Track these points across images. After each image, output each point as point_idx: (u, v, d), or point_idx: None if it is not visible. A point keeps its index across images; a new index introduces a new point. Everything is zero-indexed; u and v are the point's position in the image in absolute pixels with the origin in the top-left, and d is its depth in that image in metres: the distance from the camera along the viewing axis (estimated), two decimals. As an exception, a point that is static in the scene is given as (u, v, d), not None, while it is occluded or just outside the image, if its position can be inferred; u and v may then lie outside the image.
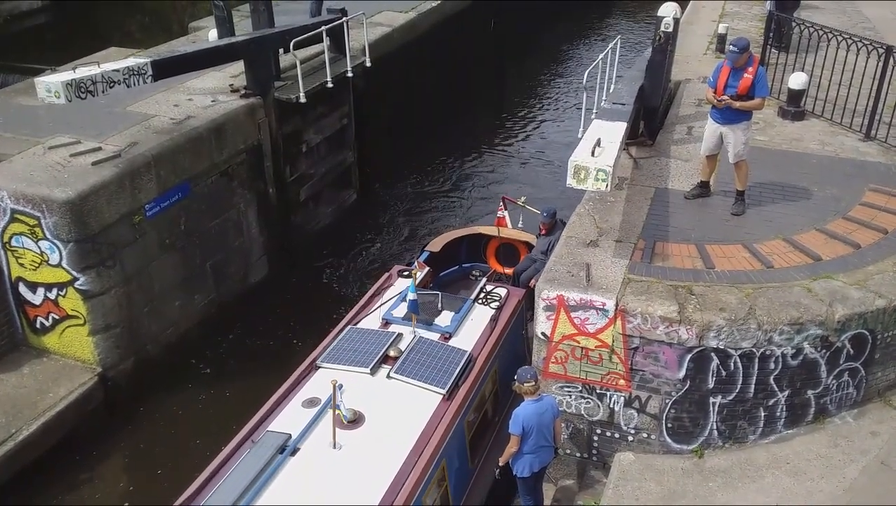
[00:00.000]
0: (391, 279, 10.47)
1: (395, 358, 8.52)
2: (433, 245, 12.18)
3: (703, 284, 8.30)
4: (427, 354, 8.64)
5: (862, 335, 8.17)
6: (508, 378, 8.98)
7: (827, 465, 8.00)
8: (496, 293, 10.00)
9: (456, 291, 11.65)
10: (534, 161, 19.09)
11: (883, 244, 9.07)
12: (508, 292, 10.12)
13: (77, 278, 10.41)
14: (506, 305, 9.84)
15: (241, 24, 15.21)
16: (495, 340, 9.21)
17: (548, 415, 7.96)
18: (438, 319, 9.37)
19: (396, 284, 10.27)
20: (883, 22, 17.63)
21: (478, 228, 12.85)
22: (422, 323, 9.09)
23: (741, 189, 9.76)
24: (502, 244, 12.43)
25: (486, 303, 9.83)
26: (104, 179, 10.41)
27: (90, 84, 10.14)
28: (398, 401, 8.13)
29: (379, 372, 8.40)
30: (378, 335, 8.95)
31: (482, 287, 10.05)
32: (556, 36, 27.74)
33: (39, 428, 9.91)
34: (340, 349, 8.77)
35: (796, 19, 13.35)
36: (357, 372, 8.36)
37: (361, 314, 9.65)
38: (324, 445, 7.49)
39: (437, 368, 8.44)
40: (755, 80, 9.20)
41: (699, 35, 17.09)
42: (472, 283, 11.67)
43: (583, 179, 7.98)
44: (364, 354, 8.58)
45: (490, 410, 9.26)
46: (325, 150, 15.56)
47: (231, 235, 12.98)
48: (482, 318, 9.57)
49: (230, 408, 11.04)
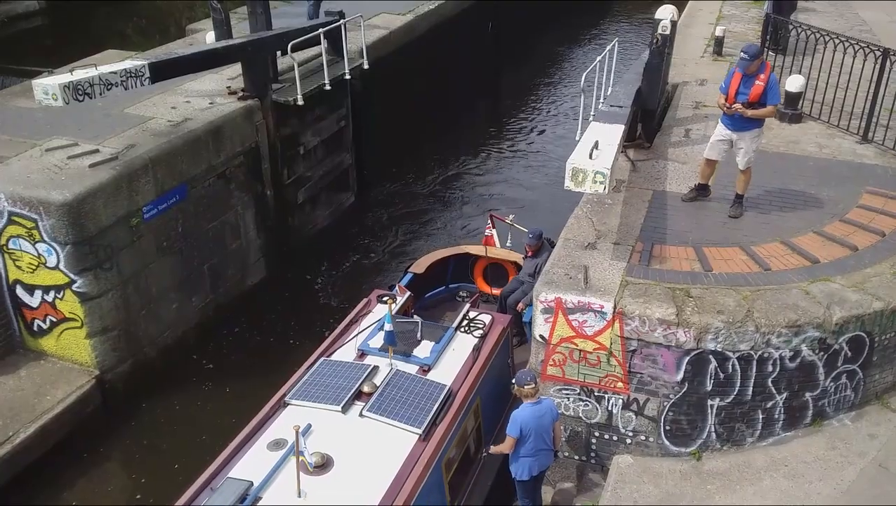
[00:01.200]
0: (370, 305, 9.77)
1: (370, 394, 7.91)
2: (417, 266, 11.73)
3: (701, 287, 8.30)
4: (403, 389, 8.03)
5: (860, 338, 8.18)
6: (492, 412, 8.95)
7: (825, 467, 8.00)
8: (479, 321, 9.37)
9: (442, 313, 11.48)
10: (531, 163, 19.09)
11: (880, 247, 9.08)
12: (493, 319, 9.45)
13: (74, 281, 10.40)
14: (490, 334, 9.19)
15: (238, 26, 15.22)
16: (477, 372, 8.61)
17: (546, 418, 7.93)
18: (417, 349, 8.73)
19: (375, 310, 9.57)
20: (879, 25, 17.67)
21: (465, 247, 12.41)
22: (399, 354, 8.49)
23: (741, 193, 9.75)
24: (490, 264, 11.96)
25: (469, 331, 9.18)
26: (101, 181, 10.40)
27: (87, 86, 10.14)
28: (371, 442, 7.53)
29: (351, 410, 7.79)
30: (352, 369, 8.33)
31: (465, 314, 9.45)
32: (553, 39, 27.76)
33: (37, 431, 9.88)
34: (311, 384, 8.16)
35: (793, 22, 13.38)
36: (328, 410, 7.77)
37: (336, 344, 9.01)
38: (288, 493, 6.89)
39: (413, 405, 7.84)
40: (767, 87, 9.07)
41: (696, 38, 17.12)
42: (459, 304, 11.35)
43: (580, 181, 7.99)
44: (336, 390, 7.97)
45: (472, 446, 8.66)
46: (323, 152, 15.56)
47: (228, 238, 12.97)
48: (464, 347, 8.92)
49: (228, 410, 11.00)
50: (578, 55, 26.79)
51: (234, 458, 7.44)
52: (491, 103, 23.79)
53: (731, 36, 16.69)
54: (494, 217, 12.26)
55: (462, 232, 15.72)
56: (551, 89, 23.99)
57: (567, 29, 28.88)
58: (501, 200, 17.07)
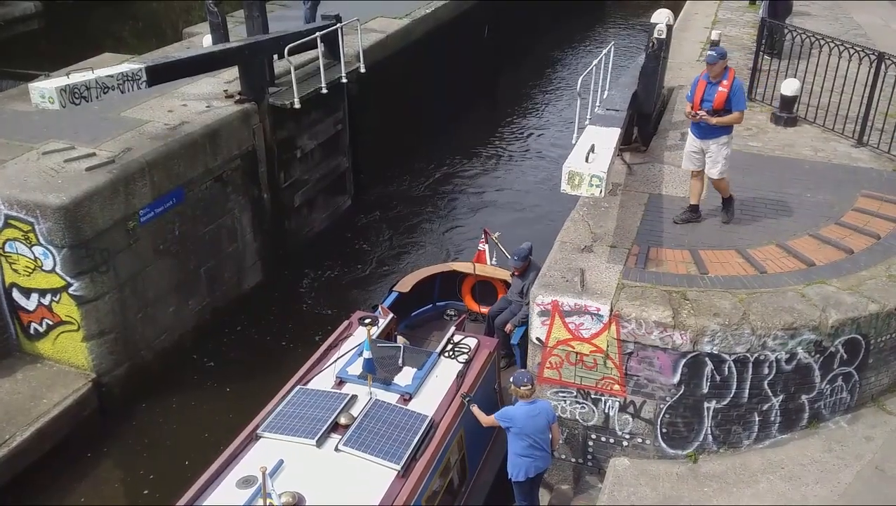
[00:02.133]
0: (351, 328, 9.33)
1: (346, 426, 7.48)
2: (402, 285, 11.40)
3: (697, 290, 8.32)
4: (382, 420, 7.59)
5: (855, 340, 8.20)
6: (477, 441, 8.61)
7: (821, 470, 8.02)
8: (464, 345, 8.99)
9: (429, 333, 11.29)
10: (527, 166, 19.12)
11: (876, 249, 9.11)
12: (478, 343, 9.05)
13: (71, 284, 10.39)
14: (475, 359, 8.80)
15: (235, 29, 15.24)
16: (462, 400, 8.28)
17: (541, 419, 7.94)
18: (398, 377, 8.31)
19: (357, 333, 9.15)
20: (874, 29, 17.75)
21: (452, 264, 12.15)
22: (379, 382, 8.10)
23: (726, 197, 9.67)
24: (479, 281, 11.64)
25: (454, 356, 8.80)
26: (98, 184, 10.40)
27: (84, 90, 10.15)
28: (346, 479, 7.10)
29: (326, 443, 7.36)
30: (329, 398, 7.88)
31: (449, 338, 9.06)
32: (550, 43, 27.82)
33: (33, 434, 9.86)
34: (285, 415, 7.72)
35: (788, 26, 13.44)
36: (301, 444, 7.35)
37: (314, 371, 8.57)
38: None
39: (392, 438, 7.40)
40: (730, 93, 8.93)
41: (692, 42, 17.17)
42: (447, 323, 11.18)
43: (577, 184, 8.01)
44: (311, 422, 7.53)
45: (456, 479, 8.27)
46: (320, 155, 15.57)
47: (225, 241, 12.97)
48: (448, 374, 8.53)
49: (225, 414, 11.01)
50: (575, 59, 26.85)
51: (203, 494, 7.09)
52: (487, 107, 23.82)
53: (726, 40, 16.73)
54: (488, 233, 12.09)
55: (457, 238, 15.69)
56: (548, 93, 24.04)
57: (563, 33, 28.95)
58: (497, 204, 17.13)
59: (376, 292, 13.86)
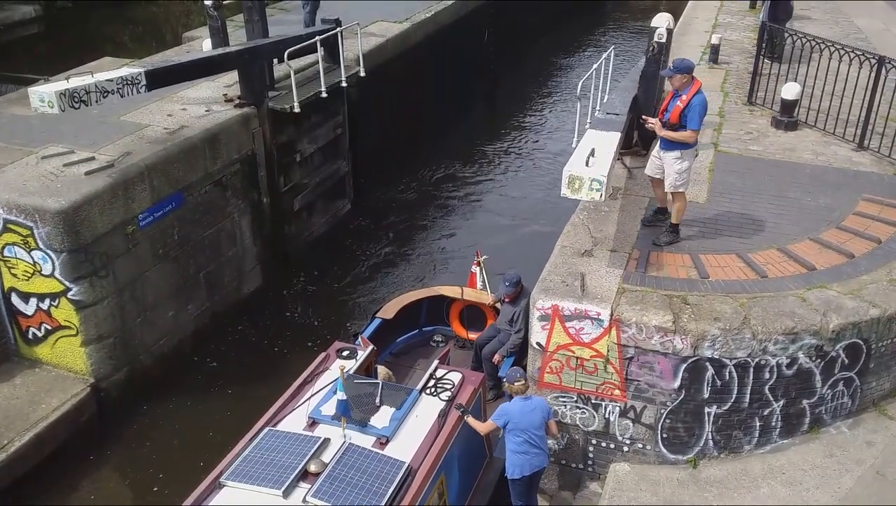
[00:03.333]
0: (328, 361, 8.73)
1: (317, 474, 6.94)
2: (385, 311, 10.84)
3: (698, 294, 8.30)
4: (356, 467, 7.05)
5: (856, 345, 8.18)
6: (460, 485, 8.15)
7: (822, 475, 7.99)
8: (448, 380, 8.42)
9: (415, 360, 10.86)
10: (527, 170, 19.11)
11: (877, 254, 9.09)
12: (463, 379, 8.48)
13: (70, 289, 10.37)
14: (459, 396, 8.24)
15: (235, 34, 15.24)
16: (443, 443, 7.65)
17: (536, 415, 7.91)
18: (376, 417, 7.70)
19: (334, 366, 8.55)
20: (875, 33, 17.76)
21: (439, 288, 11.54)
22: (354, 424, 7.53)
23: (673, 221, 9.25)
24: (468, 306, 11.08)
25: (436, 393, 8.25)
26: (97, 188, 10.38)
27: (83, 94, 10.12)
28: None
29: (294, 494, 6.80)
30: (299, 442, 7.32)
31: (431, 373, 8.50)
32: (550, 47, 27.83)
33: (32, 439, 9.83)
34: (252, 461, 7.17)
35: (789, 30, 13.43)
36: (267, 494, 6.81)
37: (286, 409, 7.96)
38: None
39: (366, 488, 6.87)
40: (686, 108, 8.65)
41: (692, 46, 17.15)
42: (434, 350, 10.93)
43: (577, 188, 7.98)
44: (278, 470, 6.98)
45: None
46: (320, 159, 15.56)
47: (225, 245, 12.95)
48: (429, 413, 7.95)
49: (224, 419, 10.99)
50: (575, 63, 26.87)
51: None
52: (487, 111, 23.83)
53: (726, 44, 16.77)
54: (479, 255, 11.53)
55: (453, 247, 15.58)
56: (548, 97, 24.04)
57: (563, 37, 28.98)
58: (496, 209, 17.12)
59: (373, 299, 13.84)
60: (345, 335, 12.64)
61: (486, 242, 15.45)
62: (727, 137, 12.21)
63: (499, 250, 14.95)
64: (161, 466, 10.39)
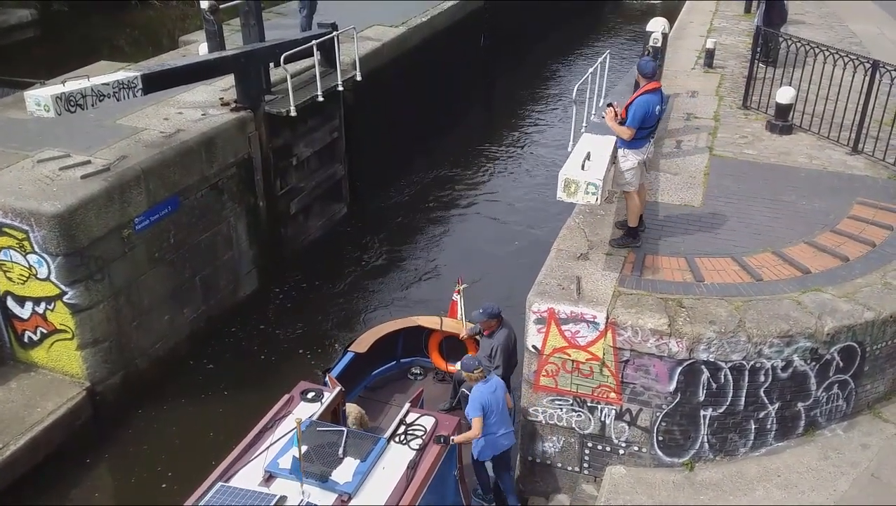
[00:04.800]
0: (291, 404, 8.05)
1: None
2: (359, 344, 10.26)
3: (693, 297, 8.32)
4: None
5: (851, 348, 8.20)
6: None
7: (817, 478, 8.01)
8: (419, 426, 7.81)
9: (391, 395, 10.30)
10: (523, 174, 19.15)
11: (871, 257, 9.12)
12: (436, 424, 7.89)
13: (65, 292, 10.35)
14: (431, 443, 7.71)
15: (231, 38, 15.24)
16: (412, 498, 7.08)
17: (499, 392, 8.23)
18: (338, 471, 7.10)
19: (297, 410, 7.89)
20: (869, 37, 17.83)
21: (416, 319, 10.93)
22: (314, 478, 6.96)
23: (630, 224, 9.18)
24: (448, 336, 10.57)
25: (405, 441, 7.64)
26: (93, 192, 10.37)
27: (80, 97, 10.13)
28: None
29: None
30: (253, 500, 6.76)
31: (401, 419, 7.88)
32: (546, 50, 27.90)
33: (27, 443, 9.81)
34: None
35: (783, 34, 13.48)
36: None
37: (241, 460, 7.35)
38: None
39: None
40: (629, 106, 8.61)
41: (687, 50, 17.22)
42: (412, 384, 10.57)
43: (573, 192, 8.02)
44: None
45: None
46: (316, 163, 15.58)
47: (221, 249, 12.94)
48: (398, 464, 7.34)
49: (219, 423, 10.98)
50: (570, 67, 26.94)
51: None
52: (483, 115, 23.87)
53: (721, 48, 16.83)
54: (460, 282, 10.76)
55: (446, 256, 15.53)
56: (544, 101, 24.09)
57: (559, 41, 29.05)
58: (491, 213, 17.13)
59: (366, 307, 13.86)
60: (342, 339, 12.67)
61: (482, 247, 15.52)
62: (722, 140, 12.25)
63: (494, 256, 15.03)
64: (157, 469, 10.37)
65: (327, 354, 12.47)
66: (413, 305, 13.29)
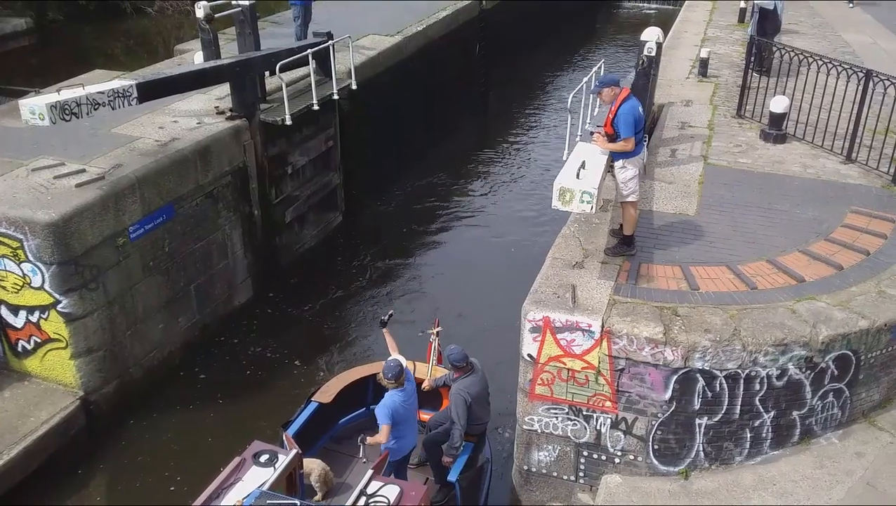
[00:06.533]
0: (241, 468, 7.24)
1: None
2: (323, 393, 9.52)
3: (688, 306, 8.32)
4: None
5: (846, 356, 8.21)
6: None
7: (813, 486, 8.00)
8: (382, 498, 7.02)
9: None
10: (517, 182, 19.17)
11: (865, 265, 9.15)
12: (401, 494, 7.13)
13: (59, 301, 10.32)
14: None
15: (227, 47, 15.27)
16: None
17: (413, 398, 8.38)
18: None
19: (248, 477, 7.14)
20: (862, 47, 17.92)
21: None
22: None
23: (626, 233, 9.16)
24: (420, 382, 9.66)
25: None
26: (88, 201, 10.35)
27: (74, 106, 10.11)
28: None
29: None
30: None
31: (362, 489, 7.06)
32: (540, 61, 27.99)
33: (20, 453, 9.75)
34: None
35: (777, 44, 13.54)
36: None
37: None
38: None
39: None
40: (615, 118, 8.62)
41: (682, 59, 17.28)
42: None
43: (568, 200, 8.04)
44: None
45: None
46: (311, 171, 15.58)
47: (216, 257, 12.92)
48: None
49: (213, 432, 10.95)
50: (565, 77, 27.04)
51: None
52: (478, 124, 23.92)
53: (715, 58, 16.90)
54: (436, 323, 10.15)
55: (437, 266, 15.53)
56: (538, 110, 24.16)
57: (554, 51, 29.16)
58: (485, 222, 17.17)
59: (359, 316, 13.80)
60: (333, 351, 12.64)
61: (477, 256, 15.53)
62: (716, 149, 12.28)
63: (488, 265, 15.02)
64: (150, 478, 10.32)
65: (317, 366, 12.45)
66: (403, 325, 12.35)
